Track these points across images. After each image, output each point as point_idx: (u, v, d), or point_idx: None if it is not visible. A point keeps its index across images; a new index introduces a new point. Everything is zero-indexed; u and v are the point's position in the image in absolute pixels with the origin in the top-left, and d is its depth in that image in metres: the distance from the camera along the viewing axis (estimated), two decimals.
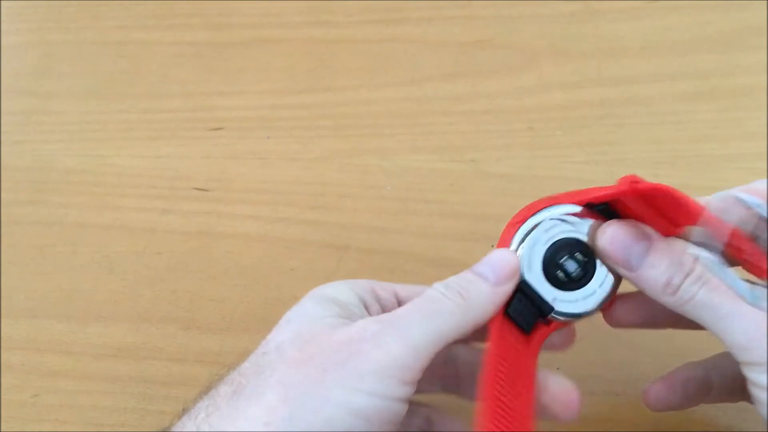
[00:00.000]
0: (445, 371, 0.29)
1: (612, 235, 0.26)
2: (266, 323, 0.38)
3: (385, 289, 0.28)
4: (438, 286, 0.26)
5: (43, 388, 0.36)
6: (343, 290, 0.28)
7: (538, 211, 0.27)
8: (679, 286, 0.25)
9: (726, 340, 0.24)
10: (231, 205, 0.41)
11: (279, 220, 0.40)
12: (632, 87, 0.43)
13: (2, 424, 0.35)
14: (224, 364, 0.27)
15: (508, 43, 0.45)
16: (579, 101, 0.43)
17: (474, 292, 0.26)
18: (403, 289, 0.29)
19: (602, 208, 0.27)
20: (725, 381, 0.29)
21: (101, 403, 0.36)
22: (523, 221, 0.27)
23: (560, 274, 0.27)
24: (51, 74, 0.47)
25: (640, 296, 0.27)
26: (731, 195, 0.27)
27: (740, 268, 0.26)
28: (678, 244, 0.26)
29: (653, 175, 0.40)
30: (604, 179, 0.40)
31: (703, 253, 0.25)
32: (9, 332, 0.38)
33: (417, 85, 0.44)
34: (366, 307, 0.27)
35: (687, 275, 0.25)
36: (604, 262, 0.27)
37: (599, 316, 0.28)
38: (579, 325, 0.28)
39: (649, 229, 0.26)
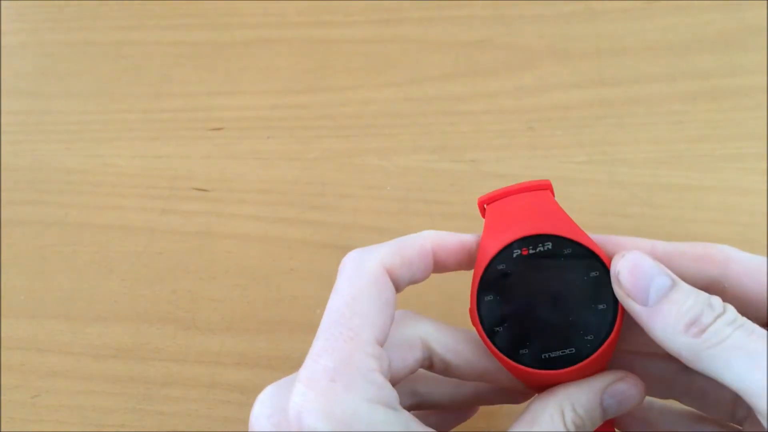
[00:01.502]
0: (422, 366, 0.27)
1: (634, 262, 0.23)
2: (266, 323, 0.38)
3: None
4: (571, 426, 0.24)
5: (43, 388, 0.36)
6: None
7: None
8: (708, 327, 0.22)
9: (758, 398, 0.21)
10: (231, 205, 0.41)
11: (279, 220, 0.40)
12: (632, 87, 0.43)
13: (2, 424, 0.35)
14: (224, 363, 0.27)
15: (508, 43, 0.45)
16: (579, 101, 0.43)
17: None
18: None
19: None
20: None
21: (101, 403, 0.36)
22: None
23: None
24: (51, 74, 0.47)
25: None
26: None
27: None
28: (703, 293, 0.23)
29: (653, 175, 0.40)
30: (604, 179, 0.40)
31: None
32: (9, 332, 0.38)
33: (417, 85, 0.44)
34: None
35: (719, 316, 0.22)
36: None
37: None
38: None
39: (671, 272, 0.24)
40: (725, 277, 0.24)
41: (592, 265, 0.24)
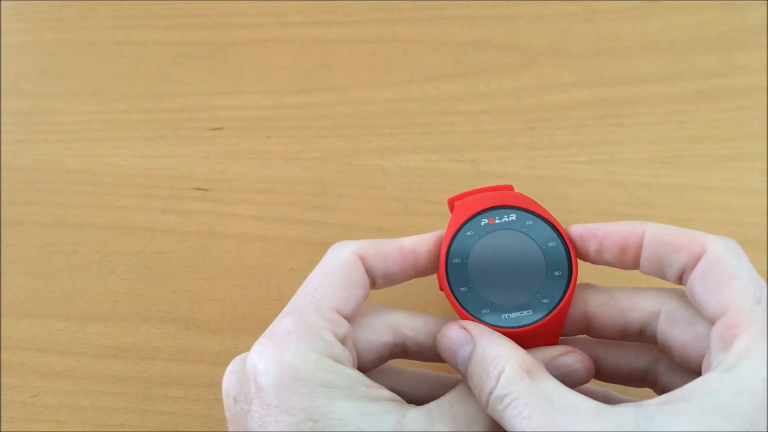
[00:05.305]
0: (393, 351, 0.28)
1: (445, 338, 0.25)
2: (266, 323, 0.38)
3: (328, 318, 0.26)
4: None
5: (43, 388, 0.36)
6: (319, 364, 0.24)
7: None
8: (487, 403, 0.23)
9: None
10: (231, 205, 0.41)
11: (279, 220, 0.40)
12: (632, 87, 0.43)
13: (2, 424, 0.35)
14: (224, 363, 0.27)
15: (508, 43, 0.45)
16: (579, 101, 0.43)
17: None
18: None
19: None
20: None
21: (101, 403, 0.36)
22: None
23: None
24: (51, 74, 0.47)
25: None
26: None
27: None
28: (496, 347, 0.24)
29: (653, 175, 0.40)
30: (604, 179, 0.40)
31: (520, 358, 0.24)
32: (9, 332, 0.38)
33: (417, 85, 0.44)
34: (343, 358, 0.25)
35: (490, 392, 0.23)
36: None
37: None
38: None
39: (478, 330, 0.25)
40: (692, 265, 0.25)
41: (551, 236, 0.26)
